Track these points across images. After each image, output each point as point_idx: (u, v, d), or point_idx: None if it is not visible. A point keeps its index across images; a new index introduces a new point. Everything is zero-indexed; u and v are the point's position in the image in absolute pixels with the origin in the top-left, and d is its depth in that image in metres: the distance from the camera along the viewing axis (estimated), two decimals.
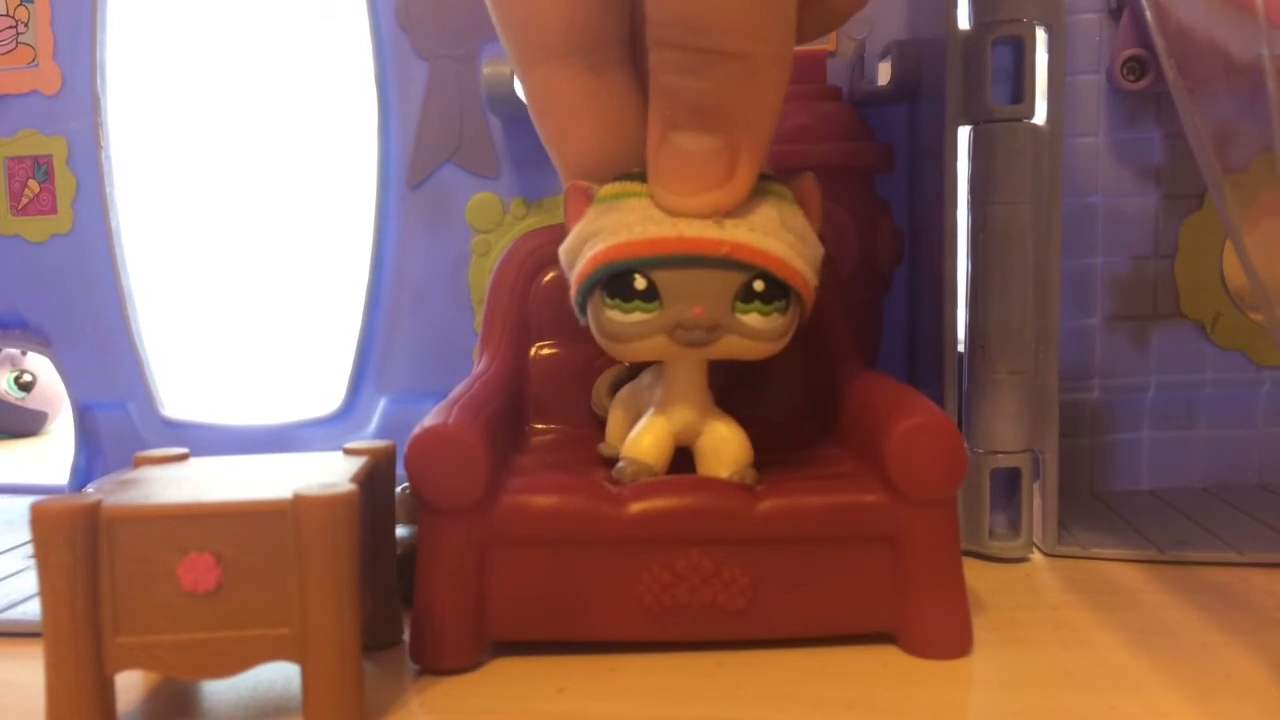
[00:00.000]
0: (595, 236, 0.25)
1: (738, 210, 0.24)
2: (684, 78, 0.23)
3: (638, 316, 0.25)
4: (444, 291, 0.41)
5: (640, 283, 0.25)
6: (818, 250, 0.26)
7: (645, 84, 0.26)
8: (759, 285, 0.25)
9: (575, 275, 0.26)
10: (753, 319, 0.25)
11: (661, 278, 0.25)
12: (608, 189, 0.25)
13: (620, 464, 0.27)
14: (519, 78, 0.27)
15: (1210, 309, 0.40)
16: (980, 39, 0.32)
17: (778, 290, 0.25)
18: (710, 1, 0.22)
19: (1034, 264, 0.33)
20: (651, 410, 0.27)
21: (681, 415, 0.27)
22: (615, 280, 0.25)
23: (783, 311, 0.25)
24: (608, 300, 0.25)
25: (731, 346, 0.25)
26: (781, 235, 0.25)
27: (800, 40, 0.25)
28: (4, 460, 0.61)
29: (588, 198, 0.26)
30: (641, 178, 0.25)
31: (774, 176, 0.26)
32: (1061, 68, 0.32)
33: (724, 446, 0.27)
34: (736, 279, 0.25)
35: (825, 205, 0.26)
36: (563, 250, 0.26)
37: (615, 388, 0.30)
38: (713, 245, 0.24)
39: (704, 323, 0.25)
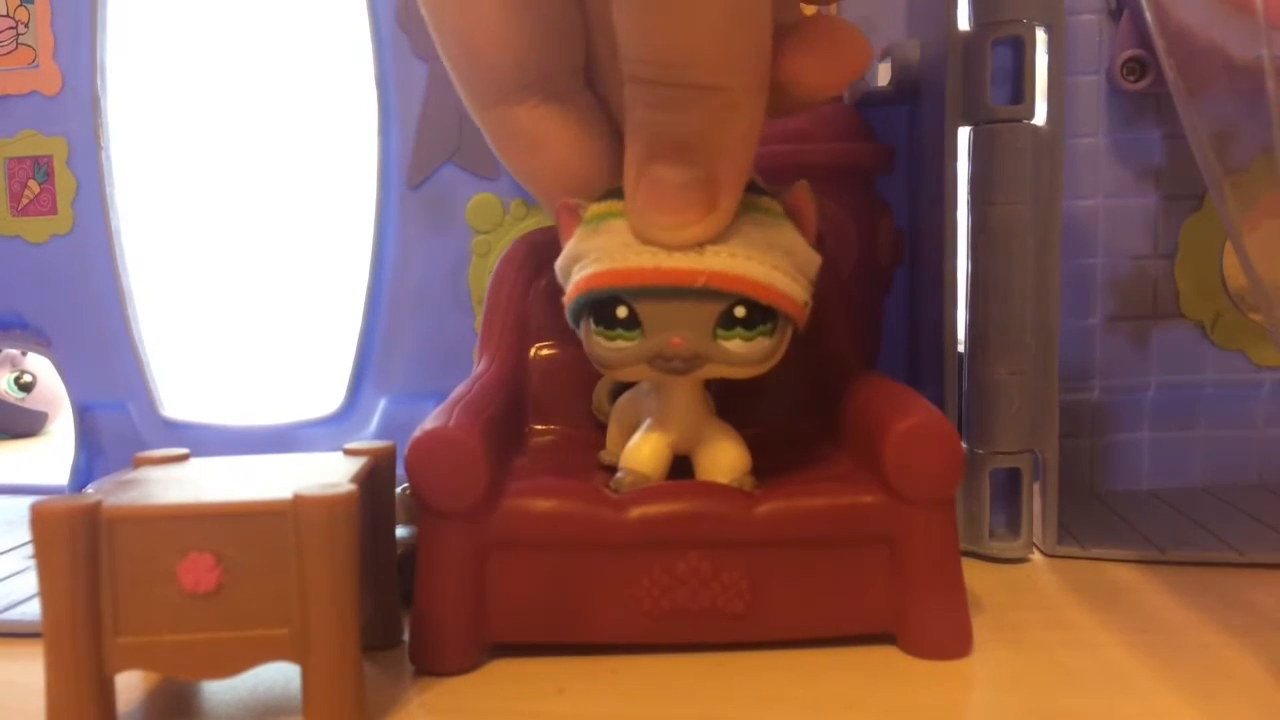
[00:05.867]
0: (582, 259, 0.25)
1: (719, 236, 0.24)
2: (660, 112, 0.23)
3: (620, 344, 0.25)
4: (444, 292, 0.41)
5: (622, 311, 0.25)
6: (811, 262, 0.26)
7: (605, 107, 0.26)
8: (740, 311, 0.24)
9: (566, 296, 0.26)
10: (735, 345, 0.25)
11: (643, 307, 0.24)
12: (593, 209, 0.25)
13: (618, 474, 0.27)
14: (475, 118, 0.26)
15: (1210, 309, 0.40)
16: (980, 39, 0.32)
17: (761, 314, 0.25)
18: (686, 37, 0.22)
19: (1034, 264, 0.33)
20: (649, 420, 0.27)
21: (679, 424, 0.27)
22: (599, 307, 0.25)
23: (769, 334, 0.25)
24: (594, 326, 0.25)
25: (715, 371, 0.25)
26: (765, 257, 0.24)
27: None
28: (4, 460, 0.61)
29: (576, 216, 0.26)
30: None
31: (764, 189, 0.25)
32: (1061, 68, 0.32)
33: (722, 455, 0.27)
34: (716, 307, 0.24)
35: (821, 210, 0.26)
36: (557, 266, 0.27)
37: (615, 393, 0.30)
38: (689, 275, 0.24)
39: (683, 353, 0.24)
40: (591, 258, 0.25)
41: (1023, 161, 0.32)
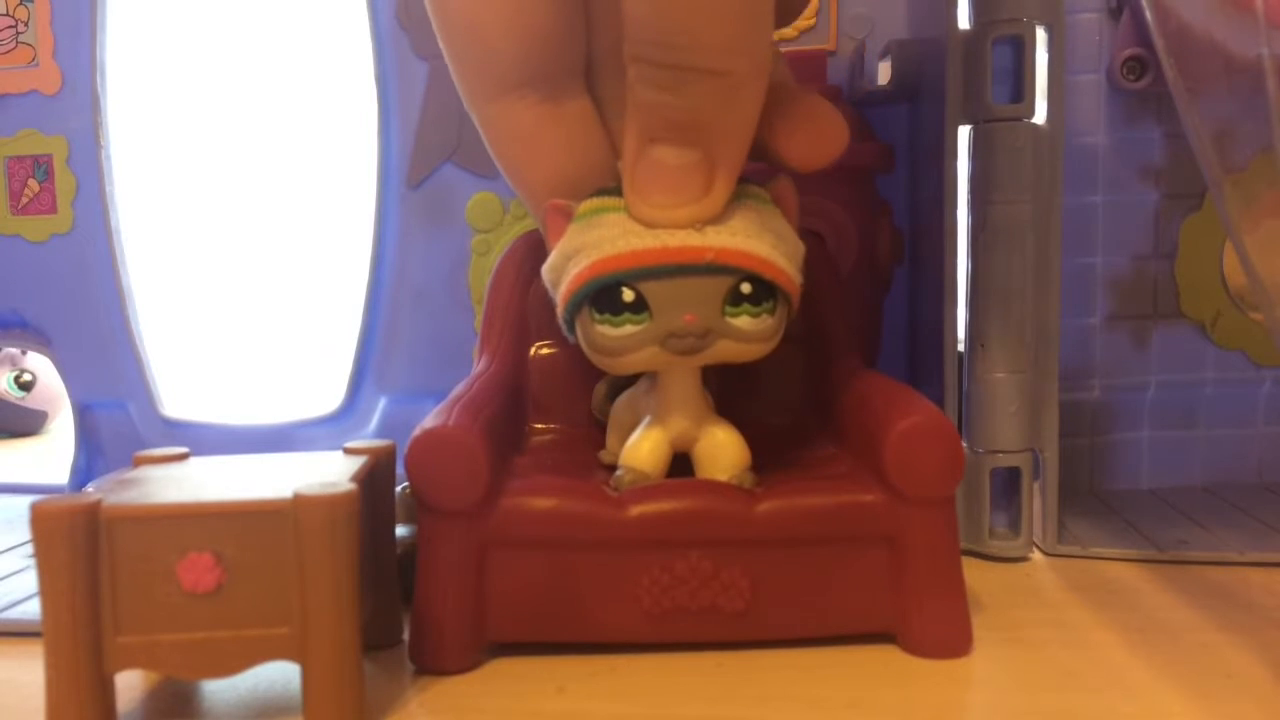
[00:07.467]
0: (578, 253, 0.25)
1: (716, 217, 0.25)
2: (663, 94, 0.23)
3: (628, 329, 0.25)
4: (444, 291, 0.41)
5: (628, 295, 0.25)
6: (799, 249, 0.26)
7: (602, 109, 0.27)
8: (746, 287, 0.25)
9: (561, 293, 0.26)
10: (743, 321, 0.25)
11: (649, 289, 0.25)
12: (585, 205, 0.26)
13: (618, 472, 0.27)
14: (474, 112, 0.27)
15: (1210, 309, 0.40)
16: (980, 38, 0.32)
17: (765, 291, 0.25)
18: (691, 20, 0.22)
19: (1034, 264, 0.33)
20: (648, 418, 0.27)
21: (678, 421, 0.27)
22: (603, 295, 0.25)
23: (771, 312, 0.25)
24: (596, 315, 0.25)
25: (724, 351, 0.25)
26: (763, 236, 0.25)
27: None
28: (4, 460, 0.61)
29: (566, 216, 0.26)
30: (617, 192, 0.25)
31: (751, 180, 0.26)
32: (1061, 67, 0.32)
33: (722, 451, 0.27)
34: (724, 283, 0.25)
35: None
36: (546, 269, 0.27)
37: (614, 393, 0.30)
38: (696, 253, 0.24)
39: (696, 329, 0.25)
40: (590, 249, 0.25)
41: (1023, 160, 0.32)
